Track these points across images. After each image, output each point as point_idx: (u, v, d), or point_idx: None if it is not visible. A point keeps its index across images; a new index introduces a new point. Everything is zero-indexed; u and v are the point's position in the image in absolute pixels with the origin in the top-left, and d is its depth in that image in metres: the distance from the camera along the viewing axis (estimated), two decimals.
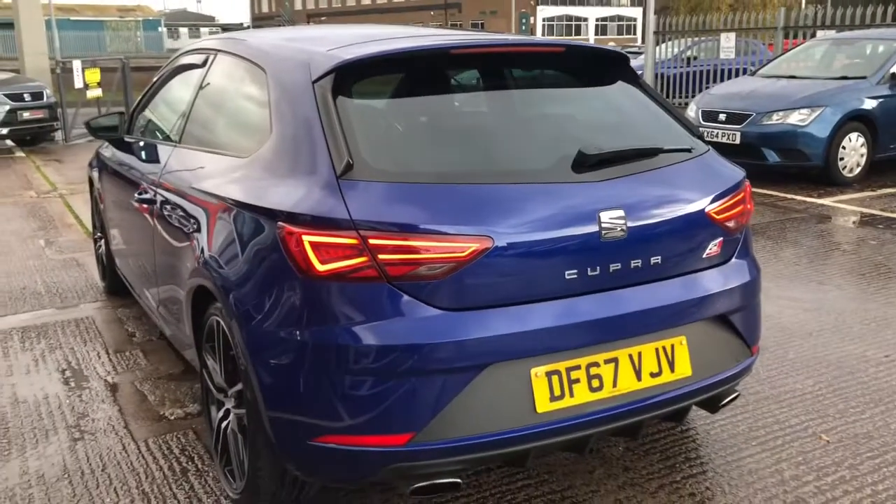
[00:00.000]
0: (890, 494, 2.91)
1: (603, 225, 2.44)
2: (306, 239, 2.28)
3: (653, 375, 2.56)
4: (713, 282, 2.70)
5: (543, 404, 2.38)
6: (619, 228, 2.46)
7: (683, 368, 2.62)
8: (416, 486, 2.38)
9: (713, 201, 2.71)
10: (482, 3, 63.19)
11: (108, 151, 4.68)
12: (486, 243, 2.31)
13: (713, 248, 2.71)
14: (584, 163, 2.51)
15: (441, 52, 2.72)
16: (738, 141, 8.82)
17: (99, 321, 4.80)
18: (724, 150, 9.16)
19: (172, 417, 3.53)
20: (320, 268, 2.27)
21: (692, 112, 9.54)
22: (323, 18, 72.20)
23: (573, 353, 2.44)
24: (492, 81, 2.85)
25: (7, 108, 12.34)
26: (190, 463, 3.14)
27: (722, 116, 9.08)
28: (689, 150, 2.83)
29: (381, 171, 2.37)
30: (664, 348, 2.59)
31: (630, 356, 2.53)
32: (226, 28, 72.27)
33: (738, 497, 2.90)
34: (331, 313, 2.30)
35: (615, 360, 2.50)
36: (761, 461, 3.14)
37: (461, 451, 2.34)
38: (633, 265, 2.52)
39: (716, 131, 9.04)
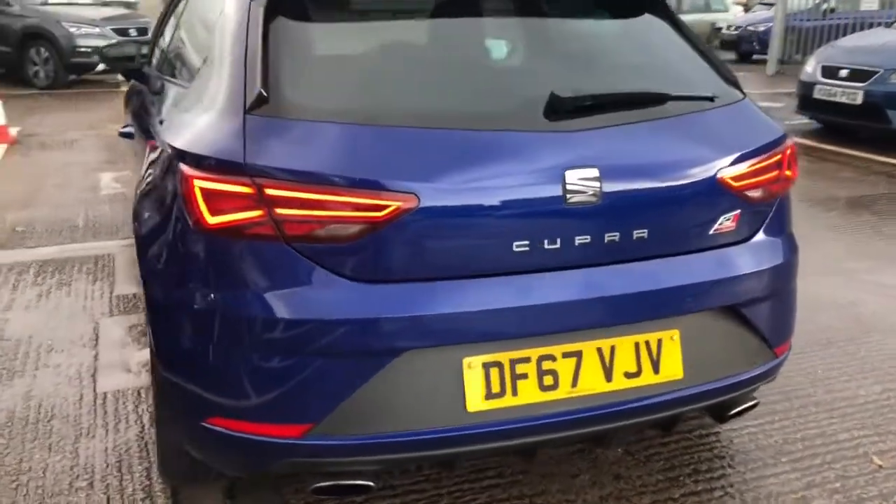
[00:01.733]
0: None
1: (568, 186, 1.94)
2: (197, 184, 1.90)
3: (628, 376, 2.07)
4: (722, 265, 2.16)
5: (476, 402, 1.94)
6: (590, 192, 1.96)
7: (672, 370, 2.10)
8: (317, 485, 2.00)
9: (732, 163, 2.15)
10: None
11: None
12: (409, 202, 1.86)
13: (726, 222, 2.16)
14: (558, 108, 2.01)
15: None
16: (859, 101, 7.82)
17: (119, 260, 4.63)
18: (841, 110, 8.27)
19: (143, 373, 3.28)
20: (211, 220, 1.89)
21: (810, 67, 8.55)
22: None
23: (521, 342, 1.98)
24: (468, 7, 2.34)
25: (113, 42, 12.56)
26: (136, 426, 2.88)
27: (844, 72, 8.07)
28: (710, 99, 2.26)
29: (299, 108, 1.95)
30: (647, 344, 2.08)
31: (599, 350, 2.04)
32: None
33: None
34: (221, 275, 1.92)
35: (577, 355, 2.02)
36: (788, 483, 2.59)
37: (369, 451, 1.94)
38: (608, 239, 2.01)
39: (834, 90, 8.06)
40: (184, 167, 1.95)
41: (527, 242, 1.94)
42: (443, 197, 1.88)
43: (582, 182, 1.95)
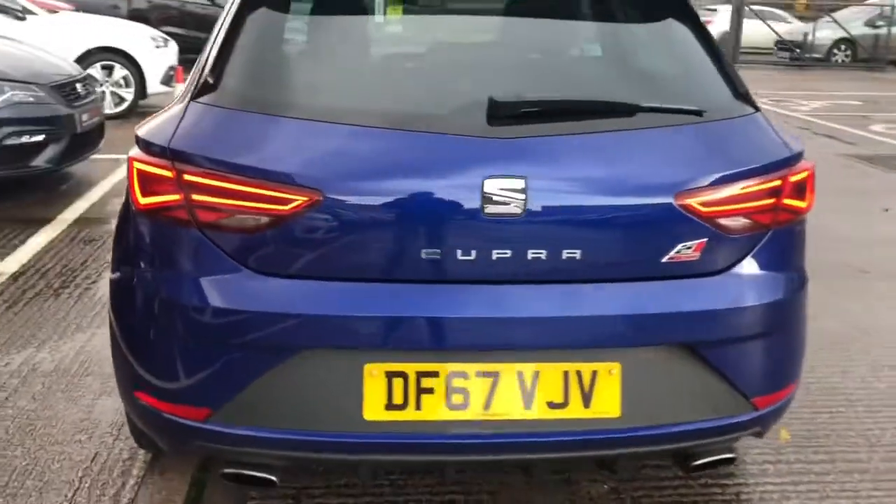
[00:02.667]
0: None
1: (487, 196, 1.82)
2: (135, 165, 1.98)
3: (552, 406, 1.91)
4: (676, 297, 1.94)
5: (375, 411, 1.88)
6: (513, 204, 1.83)
7: (607, 406, 1.92)
8: (223, 471, 2.02)
9: (703, 186, 1.93)
10: None
11: None
12: (314, 197, 1.83)
13: (685, 250, 1.93)
14: (496, 114, 1.89)
15: None
16: None
17: None
18: None
19: None
20: (141, 201, 1.96)
21: None
22: None
23: (430, 355, 1.89)
24: (462, 4, 2.24)
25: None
26: None
27: None
28: (698, 113, 2.02)
29: (238, 98, 1.98)
30: (579, 374, 1.92)
31: (520, 374, 1.90)
32: None
33: None
34: (142, 255, 2.00)
35: (494, 375, 1.90)
36: None
37: (266, 445, 1.93)
38: (531, 256, 1.87)
39: None
40: (132, 150, 2.03)
41: (437, 251, 1.85)
42: (349, 195, 1.83)
43: (504, 193, 1.82)
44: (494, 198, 1.82)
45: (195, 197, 1.87)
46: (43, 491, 2.45)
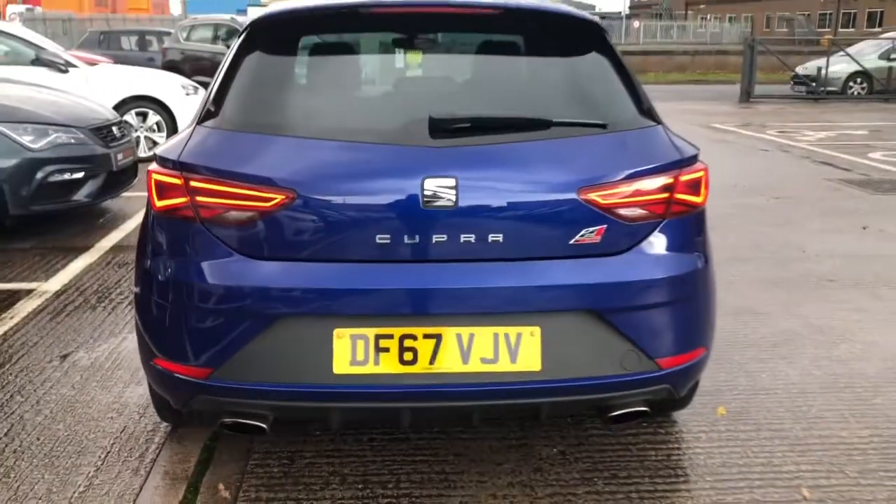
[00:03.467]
0: None
1: (426, 192, 2.31)
2: (153, 176, 2.50)
3: (484, 361, 2.37)
4: (581, 272, 2.39)
5: (342, 366, 2.35)
6: (446, 198, 2.31)
7: (530, 362, 2.38)
8: (222, 420, 2.50)
9: (602, 183, 2.39)
10: None
11: None
12: (289, 195, 2.33)
13: (588, 234, 2.39)
14: (436, 128, 2.38)
15: (349, 9, 2.67)
16: None
17: None
18: None
19: None
20: (157, 203, 2.47)
21: None
22: (702, 6, 69.59)
23: (385, 319, 2.36)
24: (410, 43, 2.76)
25: None
26: None
27: None
28: (602, 126, 2.50)
29: (233, 121, 2.50)
30: (507, 336, 2.37)
31: (458, 336, 2.37)
32: (603, 17, 72.78)
33: None
34: (159, 247, 2.50)
35: (437, 337, 2.36)
36: (697, 500, 2.70)
37: (257, 396, 2.40)
38: (463, 239, 2.34)
39: None
40: (151, 165, 2.56)
41: (388, 236, 2.33)
42: (318, 193, 2.33)
43: (438, 189, 2.30)
44: (431, 193, 2.30)
45: (198, 198, 2.38)
46: (80, 454, 2.94)
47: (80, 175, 5.88)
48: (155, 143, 9.44)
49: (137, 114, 9.40)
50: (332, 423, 2.51)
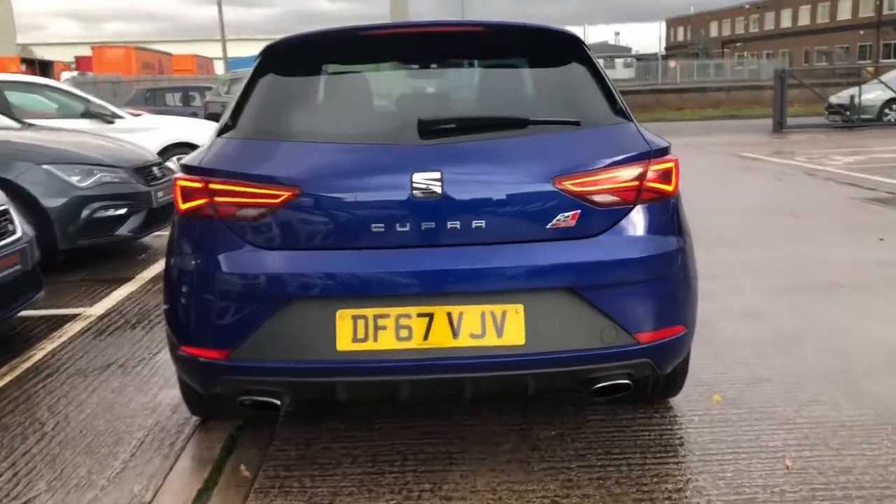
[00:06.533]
0: None
1: (414, 185, 2.58)
2: (178, 183, 2.81)
3: (473, 336, 2.60)
4: (558, 253, 2.62)
5: (345, 343, 2.60)
6: (432, 190, 2.58)
7: (515, 336, 2.61)
8: (241, 398, 2.76)
9: (575, 173, 2.64)
10: None
11: None
12: (295, 192, 2.62)
13: (564, 219, 2.63)
14: (425, 130, 2.67)
15: (349, 33, 3.01)
16: None
17: None
18: None
19: None
20: (182, 206, 2.78)
21: None
22: (738, 44, 69.79)
23: (382, 300, 2.61)
24: (408, 61, 3.07)
25: None
26: None
27: None
28: (576, 123, 2.76)
29: (247, 131, 2.81)
30: (493, 313, 2.61)
31: (448, 314, 2.61)
32: (640, 58, 73.26)
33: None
34: (184, 243, 2.80)
35: (429, 316, 2.61)
36: (680, 472, 2.88)
37: (271, 373, 2.67)
38: (450, 226, 2.60)
39: None
40: (178, 173, 2.88)
41: (382, 226, 2.60)
42: (320, 189, 2.62)
43: (425, 181, 2.58)
44: (419, 185, 2.58)
45: (216, 199, 2.68)
46: (117, 444, 3.23)
47: (123, 211, 6.29)
48: None
49: (178, 159, 9.88)
50: (338, 395, 2.75)
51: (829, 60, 50.33)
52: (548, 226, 2.64)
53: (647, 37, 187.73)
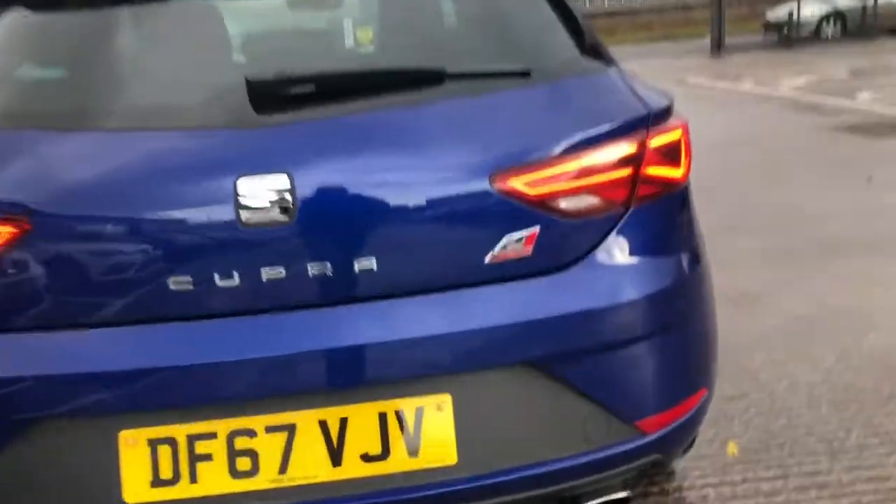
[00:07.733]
0: None
1: (242, 201, 1.42)
2: None
3: (368, 459, 1.50)
4: (504, 305, 1.52)
5: (138, 491, 1.47)
6: (277, 207, 1.43)
7: (440, 452, 1.51)
8: None
9: (522, 163, 1.52)
10: None
11: None
12: (21, 228, 1.43)
13: (513, 245, 1.52)
14: (258, 99, 1.48)
15: None
16: None
17: None
18: None
19: None
20: None
21: None
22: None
23: (200, 411, 1.48)
24: None
25: None
26: None
27: None
28: (525, 73, 1.62)
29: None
30: (399, 414, 1.50)
31: (322, 423, 1.49)
32: None
33: None
34: None
35: (289, 429, 1.49)
36: None
37: None
38: (313, 272, 1.46)
39: None
40: None
41: (188, 279, 1.44)
42: (65, 219, 1.44)
43: (263, 194, 1.42)
44: (251, 202, 1.42)
45: None
46: None
47: None
48: None
49: None
50: None
51: None
52: (486, 258, 1.51)
53: None
